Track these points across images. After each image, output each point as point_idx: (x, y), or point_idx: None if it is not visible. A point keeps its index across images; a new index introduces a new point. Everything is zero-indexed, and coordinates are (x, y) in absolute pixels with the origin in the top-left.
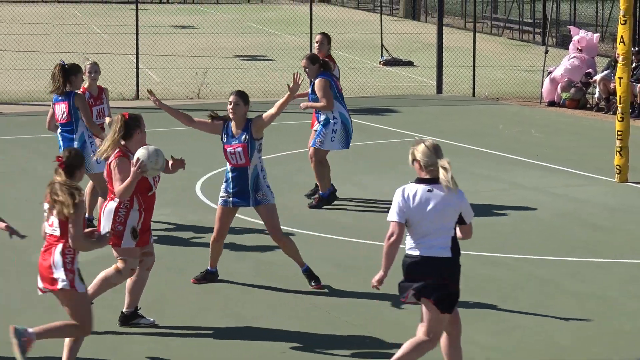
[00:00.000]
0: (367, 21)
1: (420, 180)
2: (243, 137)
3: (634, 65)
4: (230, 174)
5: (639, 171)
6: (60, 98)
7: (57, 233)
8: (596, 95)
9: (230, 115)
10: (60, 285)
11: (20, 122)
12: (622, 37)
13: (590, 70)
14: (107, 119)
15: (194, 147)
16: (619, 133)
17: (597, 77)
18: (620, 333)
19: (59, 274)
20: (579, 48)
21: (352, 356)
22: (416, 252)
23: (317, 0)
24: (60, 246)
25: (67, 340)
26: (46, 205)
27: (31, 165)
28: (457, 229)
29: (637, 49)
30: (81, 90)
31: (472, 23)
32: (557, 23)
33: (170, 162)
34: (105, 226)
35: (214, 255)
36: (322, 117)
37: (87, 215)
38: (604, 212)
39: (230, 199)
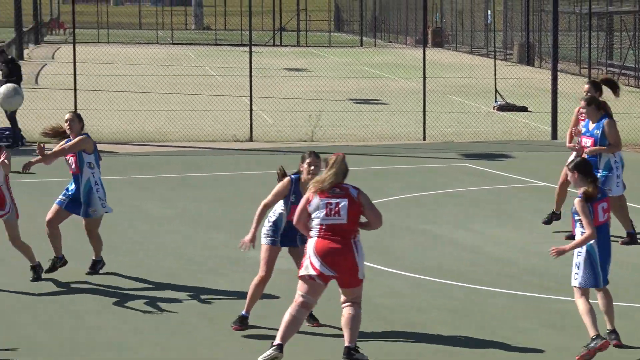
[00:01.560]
0: (481, 66)
1: None
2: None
3: None
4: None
5: None
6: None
7: None
8: None
9: (309, 177)
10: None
11: (135, 162)
12: None
13: None
14: None
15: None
16: None
17: None
18: None
19: None
20: None
21: None
22: None
23: (430, 44)
24: None
25: None
26: None
27: (146, 206)
28: None
29: None
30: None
31: (587, 69)
32: None
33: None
34: None
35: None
36: (602, 162)
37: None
38: None
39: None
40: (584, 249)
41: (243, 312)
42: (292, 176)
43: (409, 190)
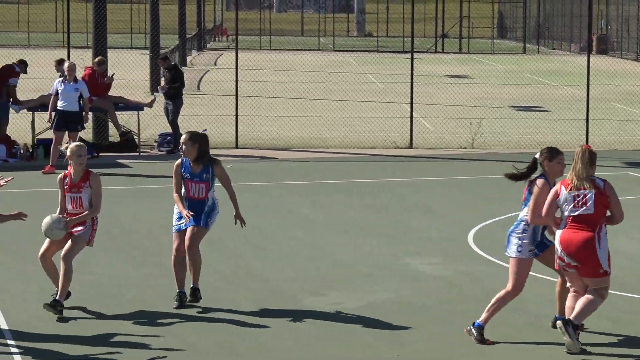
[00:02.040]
0: None
1: None
2: None
3: None
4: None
5: None
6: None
7: None
8: None
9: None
10: None
11: (293, 168)
12: None
13: None
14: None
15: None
16: None
17: None
18: None
19: None
20: None
21: None
22: None
23: (595, 51)
24: None
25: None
26: None
27: (303, 211)
28: None
29: None
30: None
31: None
32: None
33: None
34: None
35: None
36: None
37: None
38: None
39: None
40: None
41: (478, 322)
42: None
43: None
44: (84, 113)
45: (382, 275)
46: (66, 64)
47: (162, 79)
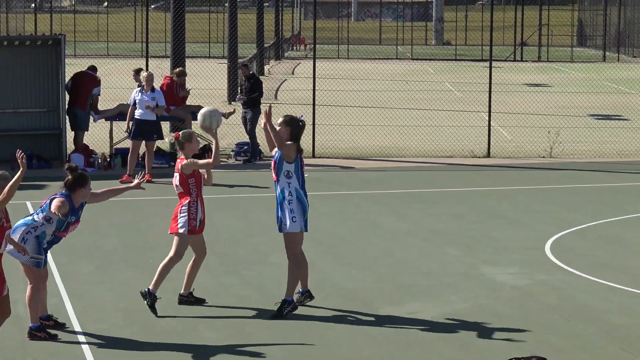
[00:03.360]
0: None
1: None
2: None
3: None
4: None
5: None
6: None
7: None
8: None
9: None
10: None
11: (372, 177)
12: None
13: None
14: None
15: (541, 209)
16: None
17: None
18: None
19: None
20: None
21: None
22: None
23: None
24: None
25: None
26: None
27: (382, 220)
28: None
29: None
30: None
31: None
32: None
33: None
34: None
35: None
36: None
37: None
38: None
39: None
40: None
41: None
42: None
43: None
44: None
45: (460, 284)
46: (144, 74)
47: (239, 88)
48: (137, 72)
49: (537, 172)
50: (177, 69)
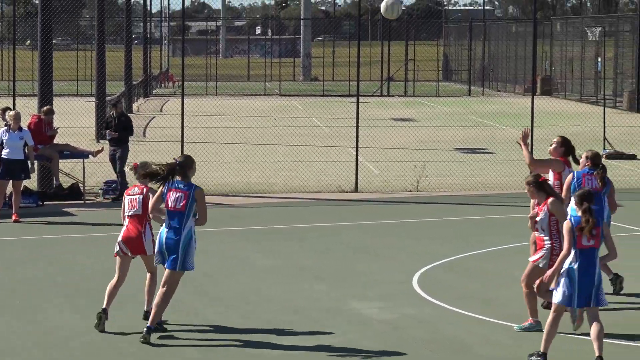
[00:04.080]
0: (590, 114)
1: None
2: None
3: None
4: None
5: None
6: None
7: None
8: None
9: None
10: None
11: (240, 213)
12: None
13: None
14: None
15: None
16: None
17: None
18: None
19: None
20: None
21: None
22: None
23: (539, 92)
24: None
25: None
26: None
27: (249, 256)
28: None
29: None
30: None
31: None
32: None
33: None
34: None
35: None
36: None
37: None
38: None
39: None
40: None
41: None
42: None
43: (513, 240)
44: (29, 162)
45: (329, 320)
46: (10, 113)
47: (105, 125)
48: (4, 111)
49: (404, 206)
50: (45, 108)
